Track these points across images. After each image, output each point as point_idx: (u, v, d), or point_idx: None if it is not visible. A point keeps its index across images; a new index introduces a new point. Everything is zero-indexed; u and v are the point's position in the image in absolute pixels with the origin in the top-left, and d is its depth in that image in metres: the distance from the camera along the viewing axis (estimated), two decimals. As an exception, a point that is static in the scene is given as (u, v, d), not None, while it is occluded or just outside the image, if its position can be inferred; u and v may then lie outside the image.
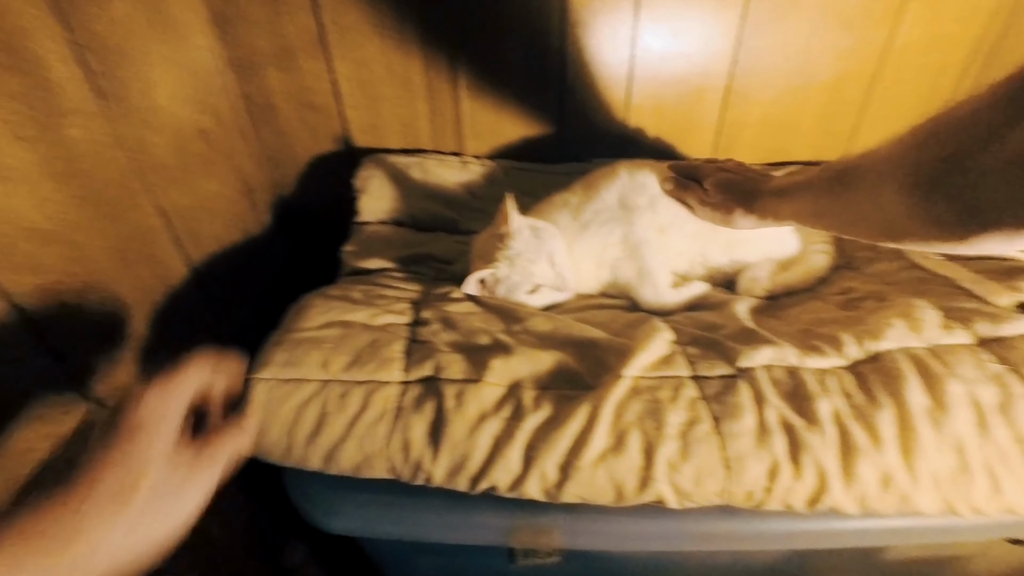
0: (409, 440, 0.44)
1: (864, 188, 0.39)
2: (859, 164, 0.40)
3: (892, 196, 0.36)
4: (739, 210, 0.53)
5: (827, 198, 0.43)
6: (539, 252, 0.59)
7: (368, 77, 0.78)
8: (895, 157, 0.36)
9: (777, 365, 0.48)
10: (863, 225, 0.41)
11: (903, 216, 0.35)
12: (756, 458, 0.41)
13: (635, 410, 0.44)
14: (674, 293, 0.63)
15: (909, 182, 0.34)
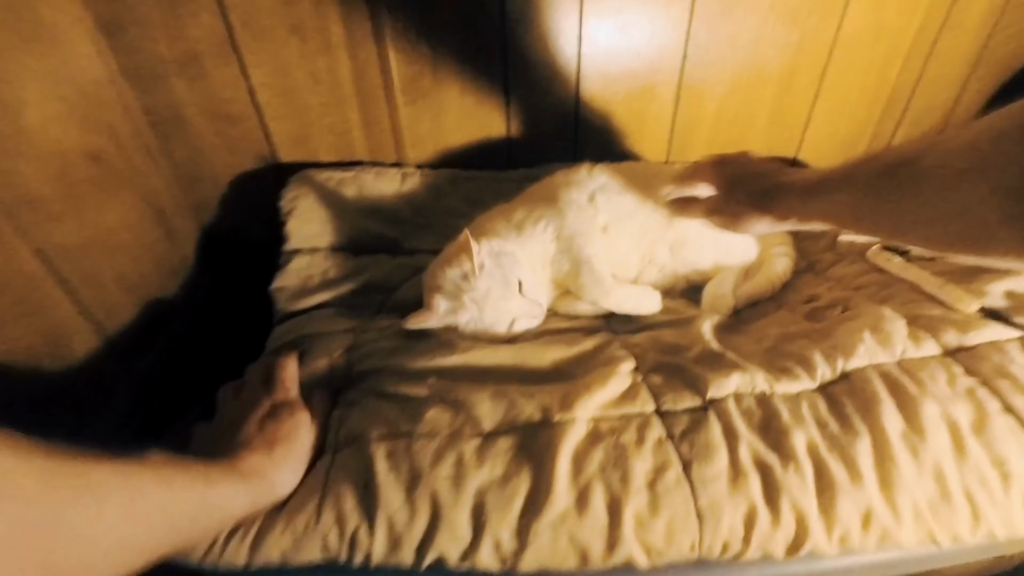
0: (342, 512, 0.38)
1: (932, 187, 0.32)
2: (921, 157, 0.33)
3: (980, 197, 0.29)
4: (752, 212, 0.47)
5: (874, 198, 0.36)
6: (508, 285, 0.53)
7: (290, 84, 0.70)
8: (984, 149, 0.29)
9: (747, 393, 0.44)
10: (929, 230, 0.33)
11: (995, 222, 0.28)
12: (731, 505, 0.38)
13: (597, 459, 0.40)
14: (617, 285, 0.58)
15: (1011, 181, 0.27)
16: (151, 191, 0.69)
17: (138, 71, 0.66)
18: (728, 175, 0.50)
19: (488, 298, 0.52)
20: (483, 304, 0.52)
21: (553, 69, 0.75)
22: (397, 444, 0.41)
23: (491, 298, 0.52)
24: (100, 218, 0.59)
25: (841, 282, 0.60)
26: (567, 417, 0.42)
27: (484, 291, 0.52)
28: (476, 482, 0.39)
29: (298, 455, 0.41)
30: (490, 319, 0.53)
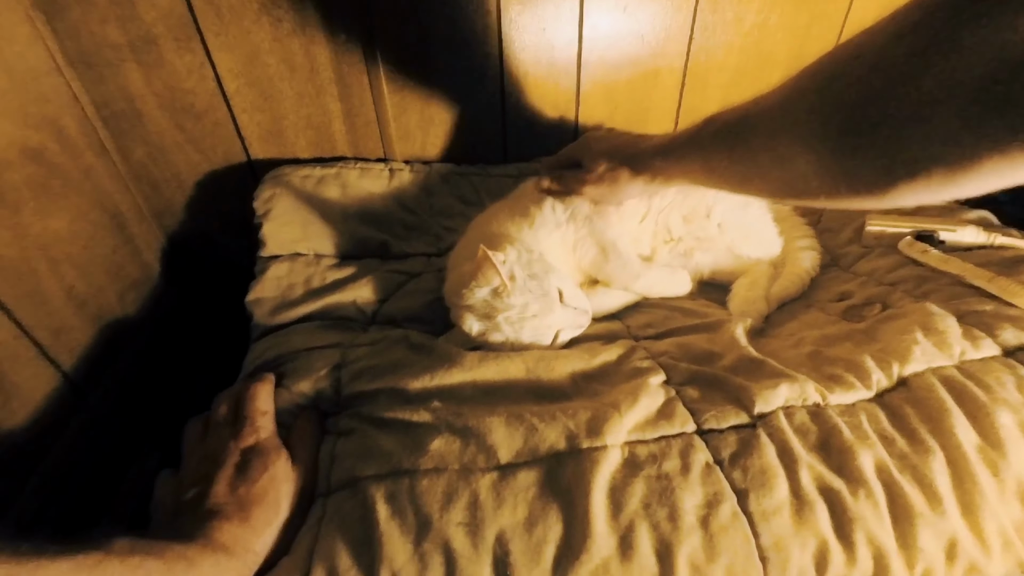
0: (336, 570, 0.32)
1: (759, 141, 0.34)
2: (749, 114, 0.35)
3: (793, 150, 0.31)
4: (625, 173, 0.50)
5: (718, 154, 0.39)
6: (547, 297, 0.47)
7: (261, 72, 0.63)
8: (792, 105, 0.31)
9: (798, 406, 0.39)
10: (762, 182, 0.36)
11: (808, 172, 0.31)
12: (798, 542, 0.32)
13: (638, 494, 0.34)
14: (646, 267, 0.55)
15: (813, 135, 0.29)
16: (105, 194, 0.61)
17: (84, 58, 0.58)
18: (602, 148, 0.53)
19: (526, 314, 0.46)
20: (520, 323, 0.46)
21: (552, 54, 0.69)
22: (399, 484, 0.34)
23: (529, 314, 0.46)
24: (43, 226, 0.51)
25: (873, 277, 0.56)
26: (597, 443, 0.36)
27: (520, 307, 0.46)
28: (496, 527, 0.33)
29: (281, 515, 0.35)
30: (529, 337, 0.47)
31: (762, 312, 0.54)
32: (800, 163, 0.31)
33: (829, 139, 0.29)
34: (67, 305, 0.53)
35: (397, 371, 0.44)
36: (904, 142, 0.25)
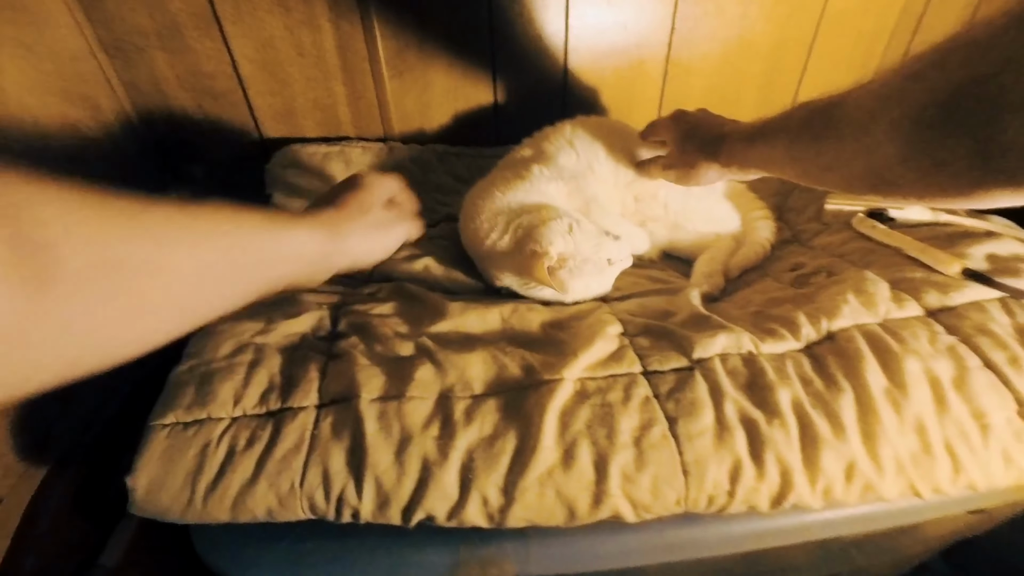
0: (329, 471, 0.38)
1: (850, 129, 0.33)
2: (844, 101, 0.35)
3: (884, 136, 0.30)
4: (702, 159, 0.49)
5: (804, 141, 0.38)
6: (602, 274, 0.54)
7: (274, 57, 0.69)
8: (890, 91, 0.31)
9: (733, 353, 0.44)
10: (845, 171, 0.35)
11: (896, 161, 0.30)
12: (716, 459, 0.38)
13: (583, 417, 0.40)
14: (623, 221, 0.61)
15: (907, 119, 0.29)
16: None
17: (117, 44, 0.65)
18: (682, 129, 0.54)
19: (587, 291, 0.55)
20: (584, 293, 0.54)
21: (540, 43, 0.74)
22: (388, 406, 0.41)
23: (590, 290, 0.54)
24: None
25: (826, 250, 0.60)
26: (555, 376, 0.42)
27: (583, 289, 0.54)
28: (465, 441, 0.39)
29: (372, 221, 0.41)
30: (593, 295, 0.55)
31: (719, 285, 0.59)
32: (891, 150, 0.30)
33: (927, 122, 0.28)
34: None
35: (390, 315, 0.50)
36: (1004, 133, 0.24)
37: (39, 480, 0.48)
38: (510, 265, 0.54)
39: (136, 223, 0.24)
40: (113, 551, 0.51)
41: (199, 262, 0.27)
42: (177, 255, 0.25)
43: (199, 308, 0.28)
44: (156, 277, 0.24)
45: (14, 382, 0.20)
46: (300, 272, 0.36)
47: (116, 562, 0.51)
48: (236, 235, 0.29)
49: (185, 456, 0.39)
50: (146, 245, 0.24)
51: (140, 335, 0.25)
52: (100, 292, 0.22)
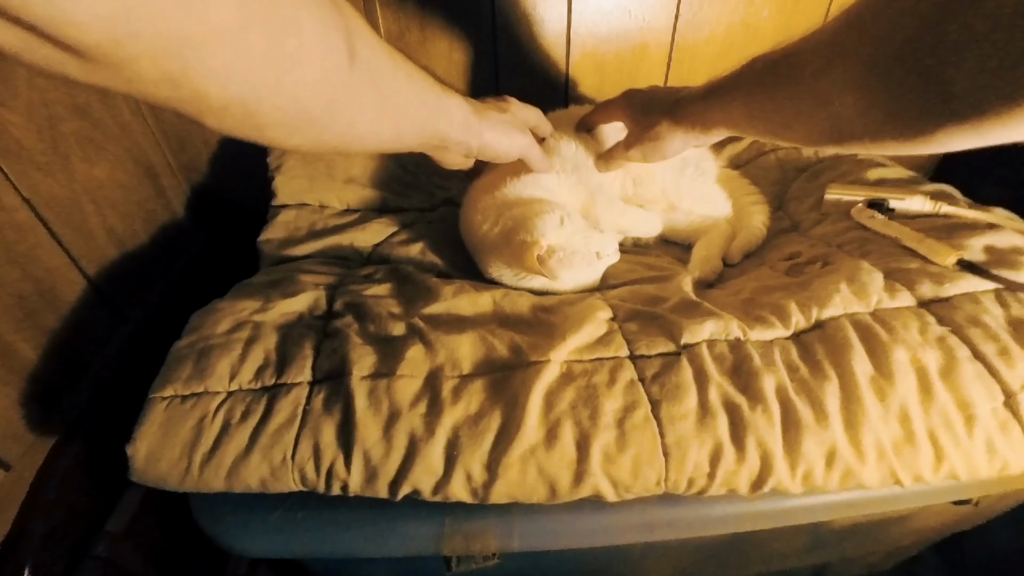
0: (319, 445, 0.40)
1: (805, 79, 0.33)
2: (798, 50, 0.34)
3: (841, 84, 0.30)
4: (664, 124, 0.49)
5: (761, 95, 0.38)
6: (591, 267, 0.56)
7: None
8: (844, 36, 0.30)
9: (720, 339, 0.45)
10: (804, 125, 0.35)
11: (853, 109, 0.30)
12: (697, 442, 0.39)
13: (567, 398, 0.40)
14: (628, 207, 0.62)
15: (863, 64, 0.28)
16: (139, 149, 0.69)
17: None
18: (636, 105, 0.53)
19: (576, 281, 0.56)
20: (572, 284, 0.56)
21: (543, 27, 0.74)
22: (378, 383, 0.42)
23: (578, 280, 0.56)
24: (88, 173, 0.60)
25: (824, 239, 0.60)
26: (542, 358, 0.43)
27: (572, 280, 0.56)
28: (452, 419, 0.40)
29: (507, 119, 0.49)
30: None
31: (716, 269, 0.59)
32: (847, 102, 0.30)
33: (881, 69, 0.27)
34: (108, 242, 0.62)
35: (385, 296, 0.51)
36: (961, 71, 0.24)
37: (48, 449, 0.50)
38: (502, 255, 0.55)
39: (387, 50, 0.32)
40: (119, 517, 0.53)
41: (409, 92, 0.35)
42: (398, 80, 0.33)
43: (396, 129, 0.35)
44: (389, 88, 0.32)
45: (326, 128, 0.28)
46: (448, 134, 0.42)
47: (122, 528, 0.53)
48: (425, 82, 0.37)
49: (182, 427, 0.41)
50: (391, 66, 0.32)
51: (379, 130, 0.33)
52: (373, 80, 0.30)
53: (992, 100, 0.24)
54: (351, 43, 0.26)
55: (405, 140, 0.38)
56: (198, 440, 0.40)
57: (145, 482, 0.41)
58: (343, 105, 0.28)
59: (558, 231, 0.52)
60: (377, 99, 0.31)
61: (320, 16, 0.24)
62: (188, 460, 0.40)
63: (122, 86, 0.20)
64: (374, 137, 0.34)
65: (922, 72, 0.26)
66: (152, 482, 0.41)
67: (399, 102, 0.34)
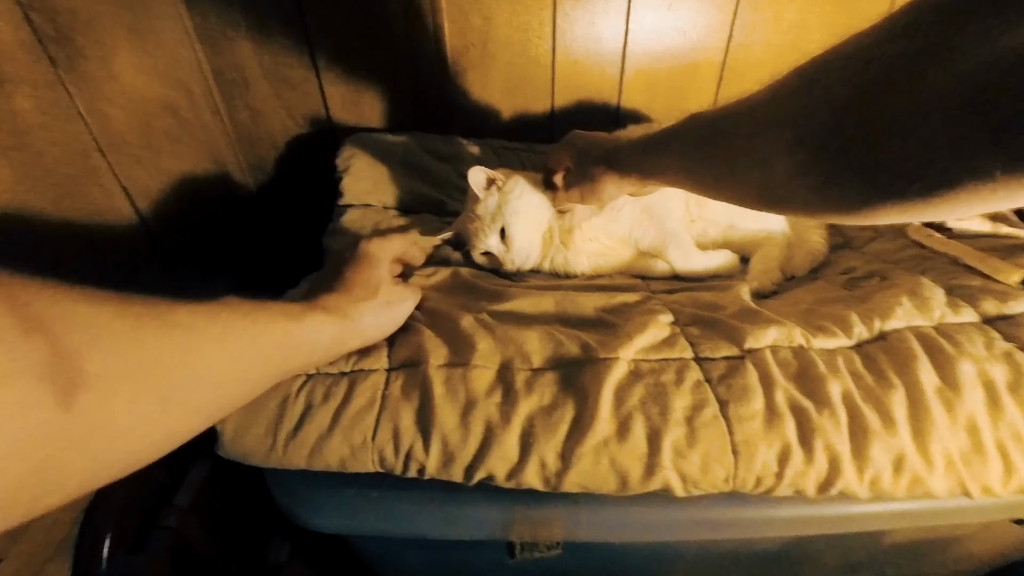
0: (398, 428, 0.41)
1: (739, 141, 0.33)
2: (736, 111, 0.34)
3: (772, 152, 0.29)
4: (602, 173, 0.49)
5: (696, 152, 0.38)
6: (491, 226, 0.60)
7: (349, 51, 0.74)
8: (776, 103, 0.30)
9: (784, 346, 0.46)
10: (737, 185, 0.35)
11: (785, 176, 0.29)
12: (766, 442, 0.40)
13: (637, 394, 0.42)
14: (704, 256, 0.62)
15: (794, 135, 0.28)
16: (216, 148, 0.74)
17: (211, 33, 0.70)
18: (578, 148, 0.53)
19: (473, 225, 0.61)
20: (470, 226, 0.61)
21: (600, 44, 0.77)
22: (454, 372, 0.43)
23: (475, 226, 0.61)
24: (173, 167, 0.64)
25: (880, 256, 0.61)
26: (610, 355, 0.44)
27: (474, 217, 0.61)
28: (525, 409, 0.41)
29: (382, 299, 0.42)
30: (473, 241, 0.61)
31: (775, 280, 0.60)
32: (780, 166, 0.29)
33: (812, 141, 0.27)
34: (186, 232, 0.66)
35: (449, 295, 0.53)
36: (887, 152, 0.23)
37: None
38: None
39: (162, 324, 0.25)
40: (186, 492, 0.56)
41: (224, 358, 0.28)
42: (203, 353, 0.26)
43: (223, 401, 0.29)
44: (184, 375, 0.25)
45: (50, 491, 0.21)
46: (316, 358, 0.38)
47: (188, 502, 0.55)
48: (255, 330, 0.30)
49: (267, 407, 0.43)
50: (173, 345, 0.25)
51: (169, 433, 0.26)
52: (130, 395, 0.23)
53: (922, 184, 0.23)
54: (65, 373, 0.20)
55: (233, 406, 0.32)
56: (282, 419, 0.42)
57: (231, 456, 0.43)
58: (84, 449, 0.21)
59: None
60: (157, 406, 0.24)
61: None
62: (273, 437, 0.42)
63: None
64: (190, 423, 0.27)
65: (855, 148, 0.25)
66: (238, 456, 0.43)
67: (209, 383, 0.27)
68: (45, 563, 0.42)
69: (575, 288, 0.57)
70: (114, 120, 0.55)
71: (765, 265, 0.61)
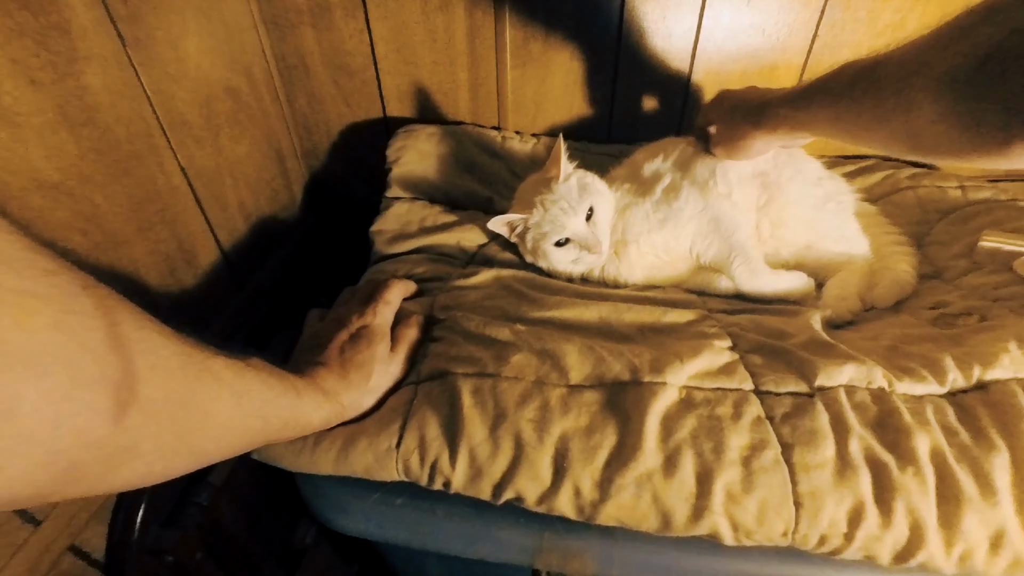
0: (424, 437, 0.39)
1: (888, 87, 0.35)
2: (885, 60, 0.36)
3: (922, 95, 0.32)
4: (746, 128, 0.51)
5: (846, 100, 0.40)
6: (579, 204, 0.56)
7: (408, 40, 0.72)
8: (928, 48, 0.32)
9: (861, 387, 0.40)
10: (883, 131, 0.37)
11: (932, 119, 0.31)
12: (835, 497, 0.35)
13: (688, 426, 0.38)
14: (773, 276, 0.56)
15: (945, 77, 0.30)
16: (273, 133, 0.75)
17: (274, 19, 0.71)
18: (726, 105, 0.56)
19: (554, 206, 0.56)
20: (547, 210, 0.56)
21: (669, 41, 0.72)
22: (483, 382, 0.41)
23: (556, 208, 0.55)
24: (231, 149, 0.65)
25: (977, 291, 0.53)
26: (658, 379, 0.41)
27: (555, 198, 0.56)
28: (560, 428, 0.38)
29: (372, 385, 0.43)
30: (547, 228, 0.56)
31: (853, 309, 0.54)
32: (926, 111, 0.32)
33: (958, 83, 0.30)
34: (238, 214, 0.66)
35: (487, 301, 0.51)
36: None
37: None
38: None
39: (202, 369, 0.27)
40: (219, 472, 0.56)
41: (236, 414, 0.30)
42: (222, 403, 0.28)
43: (216, 451, 0.30)
44: (202, 419, 0.27)
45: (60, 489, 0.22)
46: (300, 432, 0.38)
47: (220, 482, 0.56)
48: (267, 396, 0.33)
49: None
50: (205, 390, 0.27)
51: (167, 469, 0.27)
52: (161, 424, 0.24)
53: None
54: (126, 389, 0.22)
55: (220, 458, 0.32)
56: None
57: (262, 459, 0.42)
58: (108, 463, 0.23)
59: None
60: (174, 441, 0.26)
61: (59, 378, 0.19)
62: (302, 442, 0.41)
63: None
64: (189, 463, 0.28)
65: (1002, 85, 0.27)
66: (268, 459, 0.42)
67: (215, 435, 0.29)
68: (83, 528, 0.43)
69: (624, 299, 0.53)
70: (178, 101, 0.55)
71: (842, 291, 0.55)
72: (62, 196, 0.43)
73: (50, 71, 0.42)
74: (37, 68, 0.41)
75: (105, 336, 0.21)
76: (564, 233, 0.55)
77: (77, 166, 0.44)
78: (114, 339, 0.22)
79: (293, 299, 0.74)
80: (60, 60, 0.43)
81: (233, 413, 0.30)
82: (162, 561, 0.49)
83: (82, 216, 0.45)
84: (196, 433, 0.27)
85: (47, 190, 0.42)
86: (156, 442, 0.24)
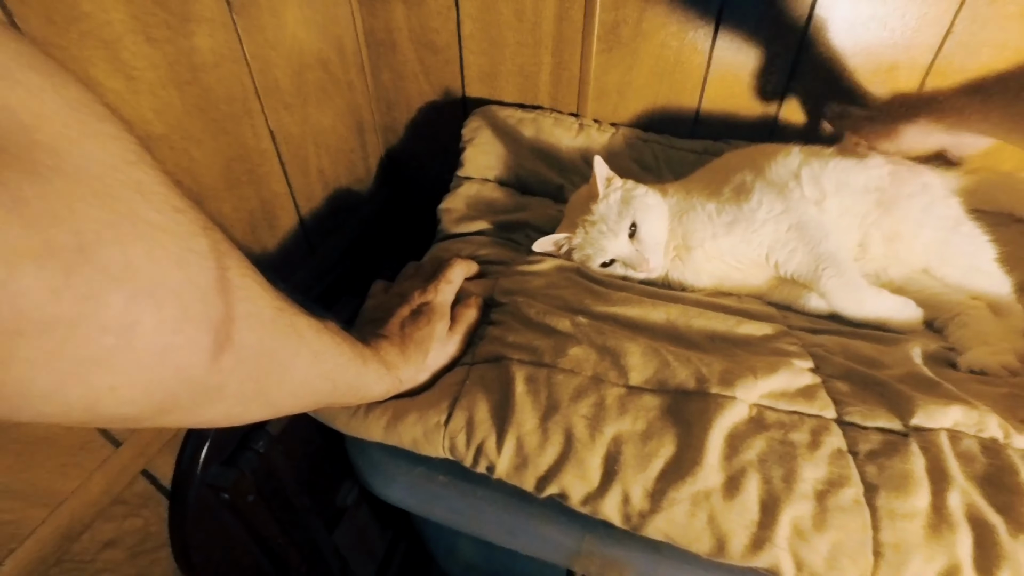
0: (473, 418, 0.39)
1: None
2: None
3: None
4: (908, 119, 0.50)
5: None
6: (619, 224, 0.53)
7: (494, 19, 0.71)
8: None
9: (969, 433, 0.35)
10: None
11: None
12: (925, 553, 0.31)
13: (756, 447, 0.35)
14: (876, 295, 0.49)
15: None
16: (355, 105, 0.77)
17: (368, -8, 0.72)
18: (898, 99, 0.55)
19: (594, 228, 0.53)
20: (588, 230, 0.53)
21: (774, 33, 0.66)
22: (539, 371, 0.40)
23: (595, 230, 0.53)
24: (317, 118, 0.67)
25: None
26: (726, 393, 0.37)
27: (594, 220, 0.53)
28: (615, 429, 0.37)
29: (428, 362, 0.43)
30: (589, 249, 0.54)
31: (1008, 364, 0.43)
32: None
33: None
34: (317, 181, 0.69)
35: (549, 290, 0.49)
36: None
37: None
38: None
39: (289, 325, 0.28)
40: (276, 423, 0.59)
41: (310, 373, 0.31)
42: (300, 360, 0.29)
43: (287, 406, 0.31)
44: (281, 373, 0.28)
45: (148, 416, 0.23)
46: (360, 399, 0.40)
47: (277, 432, 0.59)
48: (339, 360, 0.33)
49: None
50: (289, 346, 0.28)
51: (242, 413, 0.28)
52: (248, 372, 0.25)
53: None
54: (224, 332, 0.23)
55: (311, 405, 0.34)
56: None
57: (317, 418, 0.43)
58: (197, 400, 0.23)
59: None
60: (255, 389, 0.26)
61: (172, 311, 0.20)
62: (356, 407, 0.42)
63: None
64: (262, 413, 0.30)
65: None
66: (323, 419, 0.43)
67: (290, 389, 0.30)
68: (155, 455, 0.47)
69: (694, 303, 0.49)
70: (273, 67, 0.58)
71: (995, 345, 0.44)
72: (165, 148, 0.46)
73: (164, 29, 0.45)
74: (154, 26, 0.44)
75: (215, 278, 0.22)
76: (606, 256, 0.54)
77: (180, 121, 0.47)
78: (222, 282, 0.22)
79: (359, 269, 0.76)
80: (175, 19, 0.45)
81: (309, 371, 0.30)
82: (219, 497, 0.52)
83: (180, 168, 0.48)
84: (274, 385, 0.28)
85: (153, 141, 0.45)
86: (240, 388, 0.25)
